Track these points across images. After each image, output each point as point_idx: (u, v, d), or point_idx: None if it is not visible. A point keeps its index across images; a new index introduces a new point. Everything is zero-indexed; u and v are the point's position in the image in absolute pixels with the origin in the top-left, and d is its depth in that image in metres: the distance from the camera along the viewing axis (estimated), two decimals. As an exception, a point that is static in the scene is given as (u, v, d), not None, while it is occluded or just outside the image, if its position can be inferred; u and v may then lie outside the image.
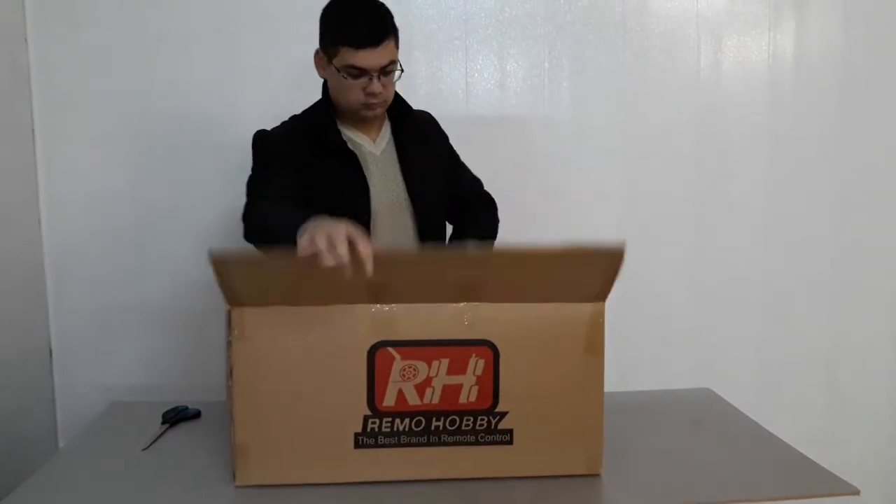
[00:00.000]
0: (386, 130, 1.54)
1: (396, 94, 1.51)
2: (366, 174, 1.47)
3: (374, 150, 1.51)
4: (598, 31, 2.09)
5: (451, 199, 1.58)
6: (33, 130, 1.97)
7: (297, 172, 1.42)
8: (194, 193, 2.03)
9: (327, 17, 1.40)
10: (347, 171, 1.46)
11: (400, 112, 1.53)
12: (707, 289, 2.20)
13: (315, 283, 1.11)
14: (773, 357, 2.23)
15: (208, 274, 2.13)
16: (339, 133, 1.48)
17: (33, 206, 1.98)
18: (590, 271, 1.14)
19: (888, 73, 2.17)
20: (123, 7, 1.97)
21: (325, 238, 1.03)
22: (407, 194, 1.49)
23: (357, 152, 1.48)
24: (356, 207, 1.42)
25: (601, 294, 1.16)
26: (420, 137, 1.54)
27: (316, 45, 1.42)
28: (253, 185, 1.45)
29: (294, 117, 1.53)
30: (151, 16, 1.97)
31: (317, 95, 1.51)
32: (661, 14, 2.10)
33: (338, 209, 1.41)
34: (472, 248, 1.41)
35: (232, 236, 1.96)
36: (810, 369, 2.24)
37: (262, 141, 1.48)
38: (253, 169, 1.48)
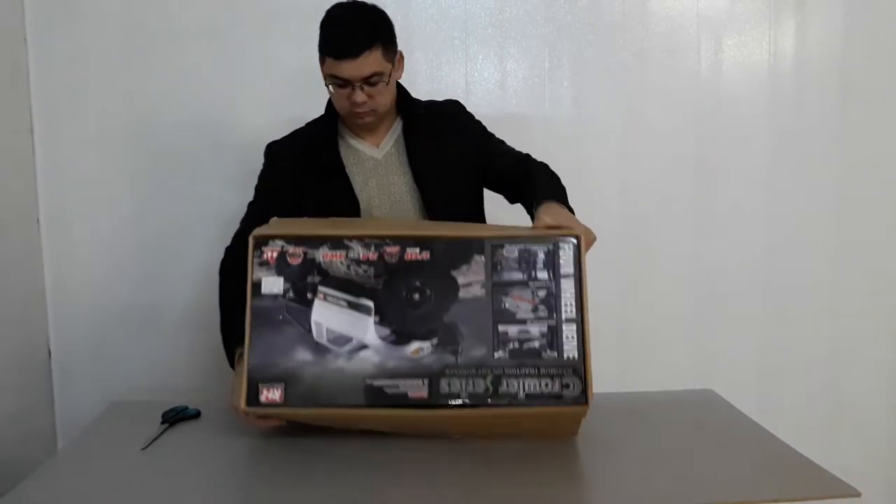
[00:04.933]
0: (394, 133, 1.53)
1: (404, 92, 1.52)
2: (357, 188, 1.48)
3: (376, 154, 1.51)
4: (598, 30, 2.09)
5: (498, 179, 1.55)
6: (32, 131, 1.97)
7: (293, 188, 1.48)
8: (193, 193, 2.03)
9: (321, 25, 1.40)
10: (336, 190, 1.47)
11: (408, 111, 1.53)
12: (707, 289, 2.20)
13: None
14: (773, 357, 2.22)
15: (207, 273, 2.13)
16: (336, 146, 1.50)
17: (32, 206, 1.98)
18: None
19: (888, 73, 2.17)
20: (123, 7, 1.97)
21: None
22: (419, 194, 1.49)
23: (355, 159, 1.50)
24: None
25: None
26: (433, 133, 1.52)
27: (316, 44, 1.42)
28: (251, 203, 1.54)
29: (305, 126, 1.56)
30: (151, 16, 1.97)
31: (317, 97, 1.51)
32: (661, 14, 2.10)
33: None
34: None
35: (230, 236, 1.96)
36: (810, 369, 2.24)
37: (267, 154, 1.55)
38: (258, 177, 1.55)
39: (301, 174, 1.49)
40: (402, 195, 1.49)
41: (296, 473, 1.17)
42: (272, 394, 1.17)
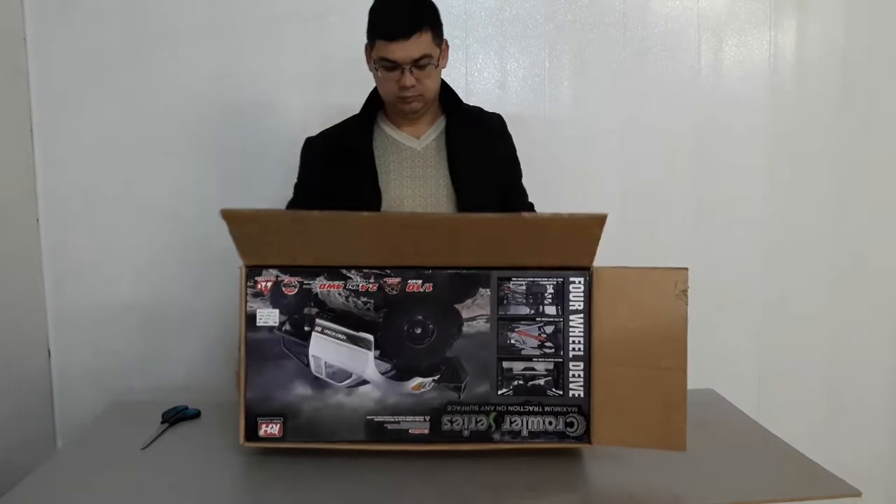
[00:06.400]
0: (437, 127, 1.54)
1: (449, 90, 1.54)
2: (390, 177, 1.49)
3: (416, 145, 1.52)
4: (598, 30, 2.09)
5: (500, 203, 1.57)
6: (31, 130, 1.97)
7: (325, 179, 1.50)
8: (193, 193, 2.03)
9: (370, 11, 1.43)
10: (361, 178, 1.48)
11: (452, 107, 1.54)
12: (707, 289, 2.19)
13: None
14: (773, 357, 2.22)
15: (207, 273, 2.13)
16: (369, 134, 1.51)
17: (31, 205, 1.98)
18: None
19: (888, 73, 2.17)
20: (123, 7, 1.96)
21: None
22: (452, 189, 1.49)
23: (393, 148, 1.51)
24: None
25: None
26: (475, 134, 1.53)
27: (315, 45, 1.43)
28: (290, 202, 1.56)
29: (343, 120, 1.57)
30: (151, 15, 1.97)
31: (319, 97, 1.52)
32: (661, 13, 2.10)
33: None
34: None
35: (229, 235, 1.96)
36: (810, 369, 2.23)
37: (302, 149, 1.56)
38: (297, 176, 1.58)
39: (332, 163, 1.50)
40: (438, 189, 1.50)
41: (295, 474, 1.17)
42: (271, 428, 1.17)
